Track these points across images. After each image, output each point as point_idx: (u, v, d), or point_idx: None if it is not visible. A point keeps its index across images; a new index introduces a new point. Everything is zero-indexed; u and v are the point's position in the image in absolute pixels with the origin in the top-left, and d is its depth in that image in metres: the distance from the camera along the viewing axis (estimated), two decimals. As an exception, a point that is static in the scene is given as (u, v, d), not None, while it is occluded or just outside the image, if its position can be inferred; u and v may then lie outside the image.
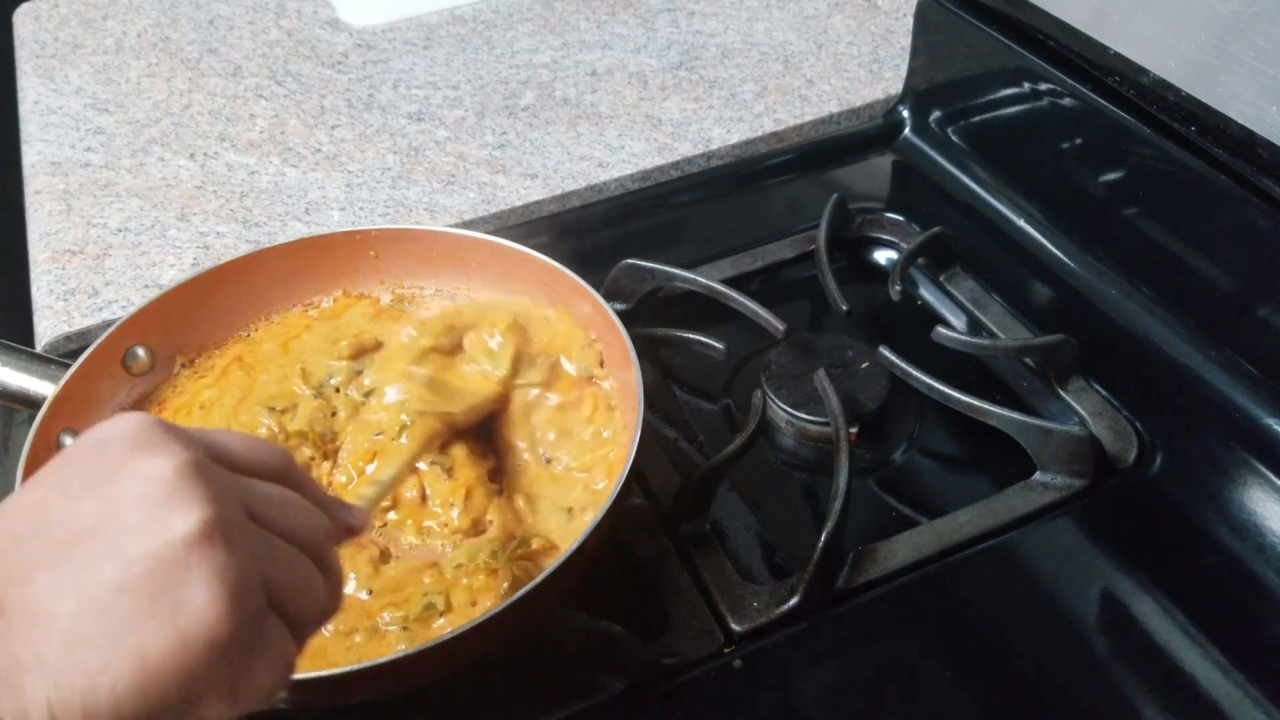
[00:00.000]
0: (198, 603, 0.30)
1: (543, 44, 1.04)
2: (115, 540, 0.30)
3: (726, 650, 0.56)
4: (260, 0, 1.12)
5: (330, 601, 0.37)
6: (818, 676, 0.55)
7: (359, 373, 0.63)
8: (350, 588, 0.53)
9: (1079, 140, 0.74)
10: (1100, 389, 0.68)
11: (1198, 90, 0.63)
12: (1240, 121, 0.60)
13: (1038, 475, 0.63)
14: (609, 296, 0.73)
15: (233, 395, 0.62)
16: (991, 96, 0.81)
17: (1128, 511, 0.62)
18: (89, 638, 0.29)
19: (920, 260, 0.78)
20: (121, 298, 0.76)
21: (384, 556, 0.55)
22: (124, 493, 0.31)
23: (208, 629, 0.30)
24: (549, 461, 0.59)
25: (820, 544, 0.56)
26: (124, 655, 0.29)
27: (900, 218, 0.82)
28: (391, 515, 0.57)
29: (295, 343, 0.65)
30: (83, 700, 0.28)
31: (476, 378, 0.62)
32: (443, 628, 0.51)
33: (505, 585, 0.52)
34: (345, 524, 0.40)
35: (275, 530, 0.34)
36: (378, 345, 0.65)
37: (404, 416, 0.58)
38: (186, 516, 0.30)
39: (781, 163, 0.90)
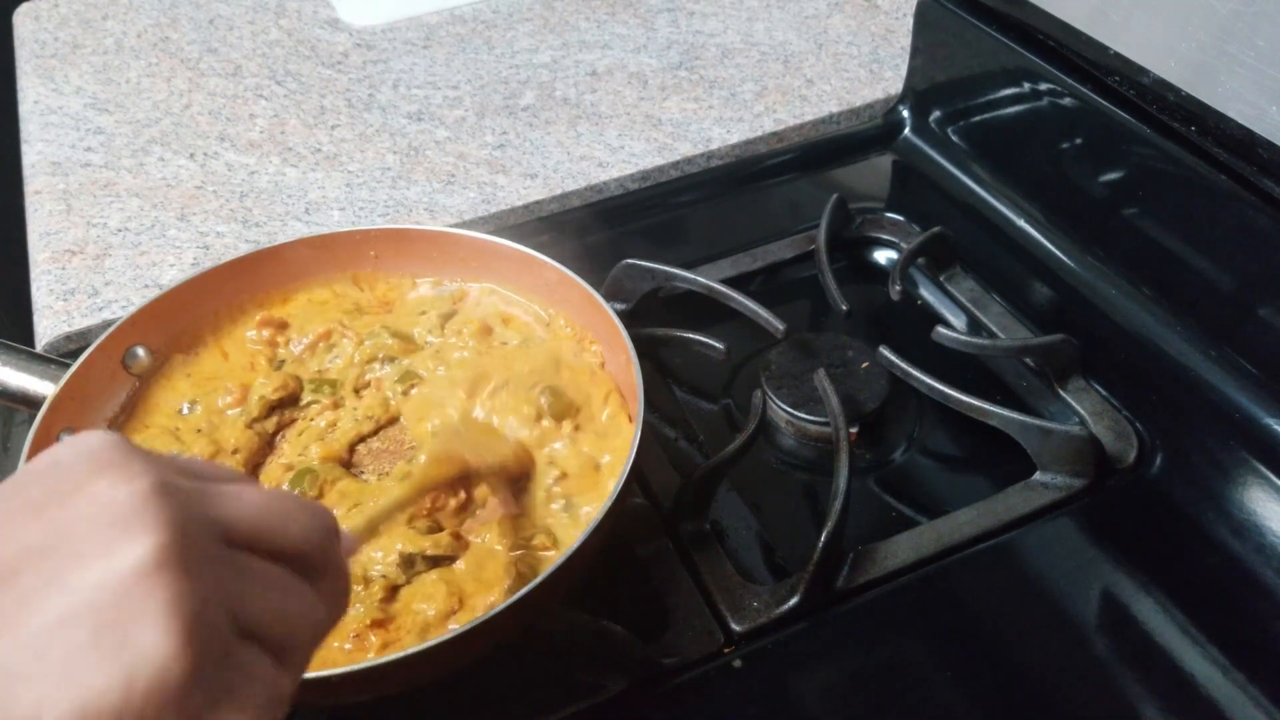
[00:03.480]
0: (147, 639, 0.27)
1: (543, 44, 1.04)
2: (60, 568, 0.27)
3: (726, 650, 0.56)
4: (260, 0, 1.12)
5: (332, 610, 0.34)
6: (818, 676, 0.55)
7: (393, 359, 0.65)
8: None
9: (1079, 140, 0.74)
10: (1100, 389, 0.68)
11: (1198, 90, 0.63)
12: (1240, 121, 0.60)
13: (1038, 475, 0.63)
14: (609, 296, 0.73)
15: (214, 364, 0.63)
16: (991, 96, 0.81)
17: (1127, 511, 0.62)
18: (27, 674, 0.26)
19: (920, 260, 0.78)
20: (121, 298, 0.76)
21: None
22: (75, 516, 0.28)
23: (157, 668, 0.26)
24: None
25: (820, 544, 0.56)
26: (65, 695, 0.26)
27: (900, 218, 0.82)
28: None
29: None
30: None
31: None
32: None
33: (505, 585, 0.52)
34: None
35: (265, 548, 0.31)
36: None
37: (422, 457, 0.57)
38: (139, 542, 0.27)
39: (781, 163, 0.90)
